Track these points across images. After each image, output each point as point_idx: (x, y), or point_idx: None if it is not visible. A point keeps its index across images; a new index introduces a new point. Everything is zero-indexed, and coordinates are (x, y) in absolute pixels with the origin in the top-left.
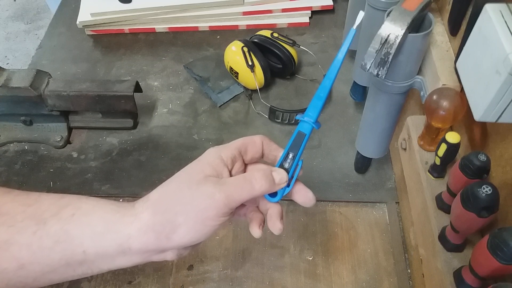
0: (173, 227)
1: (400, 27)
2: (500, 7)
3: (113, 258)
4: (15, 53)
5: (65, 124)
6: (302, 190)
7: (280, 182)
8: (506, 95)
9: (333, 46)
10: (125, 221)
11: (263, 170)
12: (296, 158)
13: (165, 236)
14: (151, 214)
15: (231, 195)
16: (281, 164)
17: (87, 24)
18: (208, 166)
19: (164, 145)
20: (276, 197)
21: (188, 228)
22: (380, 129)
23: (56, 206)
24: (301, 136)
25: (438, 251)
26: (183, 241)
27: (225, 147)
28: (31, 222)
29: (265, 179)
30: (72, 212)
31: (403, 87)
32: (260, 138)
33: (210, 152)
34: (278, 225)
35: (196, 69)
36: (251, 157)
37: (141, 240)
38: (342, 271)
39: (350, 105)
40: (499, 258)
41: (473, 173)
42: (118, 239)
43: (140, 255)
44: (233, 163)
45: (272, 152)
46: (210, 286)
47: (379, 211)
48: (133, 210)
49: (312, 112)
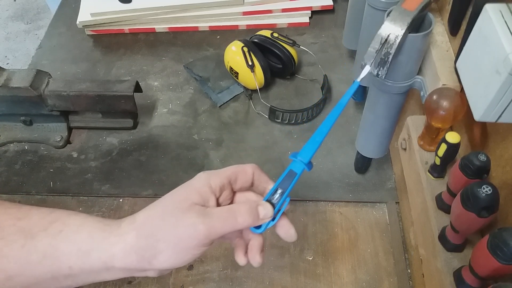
0: (154, 252)
1: (400, 27)
2: (500, 7)
3: (98, 273)
4: (15, 53)
5: (65, 124)
6: (286, 226)
7: (265, 217)
8: (506, 95)
9: (333, 46)
10: (111, 241)
11: (249, 204)
12: (284, 194)
13: (146, 259)
14: (135, 237)
15: (213, 228)
16: (269, 198)
17: (87, 24)
18: (195, 193)
19: (164, 145)
20: (260, 229)
21: (169, 255)
22: (380, 129)
23: (45, 221)
24: (292, 175)
25: (438, 251)
26: (163, 266)
27: (215, 174)
28: (21, 235)
29: (249, 214)
30: (60, 229)
31: (403, 87)
32: (252, 168)
33: (200, 178)
34: (257, 259)
35: (196, 69)
36: (241, 186)
37: (124, 260)
38: (342, 271)
39: (350, 105)
40: (499, 258)
41: (473, 173)
42: (103, 257)
43: (123, 272)
44: (221, 191)
45: (262, 184)
46: (210, 286)
47: (379, 211)
48: (119, 230)
49: (306, 153)
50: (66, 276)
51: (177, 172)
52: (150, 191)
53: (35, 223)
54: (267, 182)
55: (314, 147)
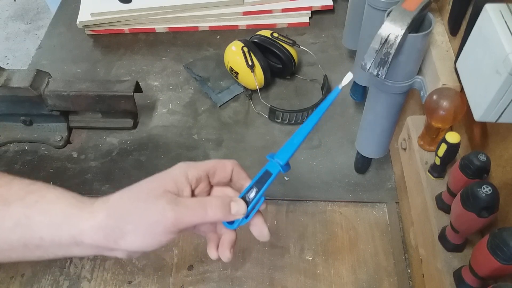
0: (121, 233)
1: (400, 27)
2: (500, 7)
3: (68, 247)
4: (15, 53)
5: (65, 124)
6: (260, 225)
7: (237, 214)
8: (506, 95)
9: (333, 46)
10: (82, 217)
11: (221, 199)
12: (258, 193)
13: (113, 239)
14: (105, 216)
15: (181, 217)
16: (244, 195)
17: (87, 24)
18: (170, 181)
19: (164, 145)
20: (233, 225)
21: (135, 237)
22: (380, 129)
23: (23, 191)
24: (267, 175)
25: (438, 251)
26: (129, 247)
27: (194, 166)
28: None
29: (220, 208)
30: (36, 199)
31: (403, 87)
32: (231, 165)
33: (178, 168)
34: (226, 254)
35: (196, 69)
36: (218, 181)
37: (91, 237)
38: (342, 271)
39: (350, 105)
40: (499, 258)
41: (473, 173)
42: (72, 231)
43: (92, 249)
44: (197, 183)
45: (240, 181)
46: (210, 286)
47: (379, 211)
48: (91, 207)
49: (283, 155)
50: (37, 246)
51: None
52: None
53: (13, 192)
54: (246, 179)
55: (291, 149)
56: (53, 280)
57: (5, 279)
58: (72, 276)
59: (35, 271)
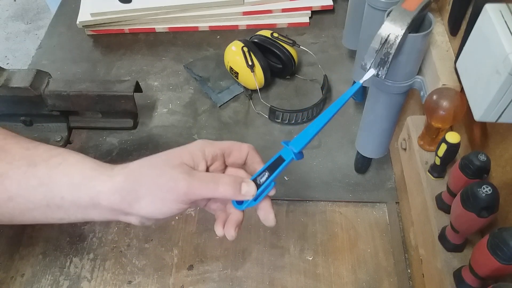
0: (136, 196)
1: (400, 27)
2: (500, 7)
3: (86, 209)
4: (15, 53)
5: (65, 124)
6: (267, 209)
7: (246, 194)
8: (506, 95)
9: (333, 46)
10: (100, 179)
11: (233, 177)
12: (270, 178)
13: (128, 202)
14: (123, 179)
15: (192, 187)
16: (256, 178)
17: (87, 24)
18: (188, 154)
19: (164, 145)
20: (241, 205)
21: (148, 201)
22: (380, 129)
23: (48, 154)
24: (280, 161)
25: (438, 251)
26: (143, 211)
27: (211, 143)
28: (25, 162)
29: (231, 186)
30: (59, 162)
31: (403, 87)
32: (248, 148)
33: (196, 143)
34: (231, 232)
35: (196, 69)
36: (233, 162)
37: (108, 199)
38: (342, 271)
39: (350, 105)
40: (499, 258)
41: (473, 173)
42: (90, 193)
43: (109, 212)
44: (213, 160)
45: (253, 165)
46: (210, 286)
47: (379, 211)
48: (111, 171)
49: (298, 143)
50: (58, 206)
51: None
52: None
53: (39, 154)
54: (259, 164)
55: (306, 138)
56: (53, 280)
57: (5, 279)
58: (72, 276)
59: (35, 271)
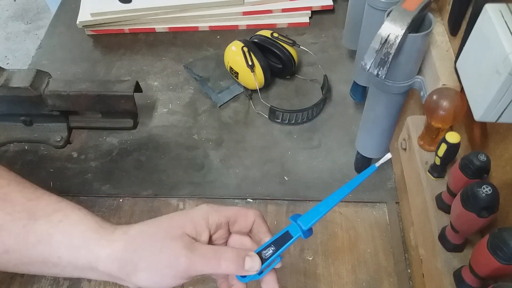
0: (134, 269)
1: (400, 27)
2: (500, 7)
3: (83, 270)
4: (15, 53)
5: (65, 124)
6: (272, 283)
7: (250, 270)
8: (506, 95)
9: (333, 46)
10: (100, 244)
11: (236, 252)
12: (275, 254)
13: (126, 272)
14: (123, 248)
15: (194, 265)
16: (261, 252)
17: (87, 24)
18: (190, 223)
19: (164, 145)
20: (244, 278)
21: (147, 275)
22: (380, 129)
23: (50, 208)
24: (287, 237)
25: (438, 251)
26: (140, 283)
27: (215, 210)
28: (25, 215)
29: (234, 262)
30: (60, 219)
31: (403, 87)
32: (254, 215)
33: (200, 210)
34: None
35: (196, 69)
36: (238, 230)
37: (106, 265)
38: (342, 271)
39: (350, 105)
40: (499, 258)
41: (473, 173)
42: (89, 257)
43: (106, 275)
44: (217, 229)
45: (260, 234)
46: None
47: (379, 211)
48: (112, 236)
49: (307, 221)
50: (55, 264)
51: (177, 172)
52: (150, 191)
53: (41, 208)
54: (265, 234)
55: (316, 217)
56: (53, 280)
57: (5, 279)
58: None
59: None
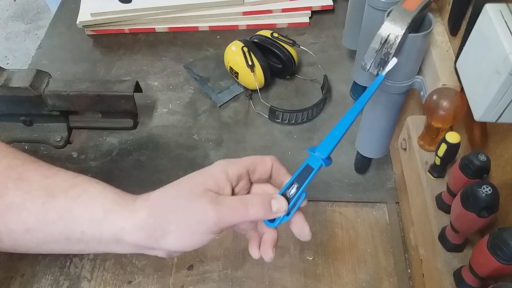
0: (163, 232)
1: (400, 27)
2: (500, 7)
3: (108, 243)
4: (15, 53)
5: (65, 124)
6: (300, 223)
7: (278, 211)
8: (506, 95)
9: (333, 46)
10: (123, 215)
11: (262, 197)
12: (300, 189)
13: (154, 238)
14: (147, 215)
15: (223, 217)
16: (285, 192)
17: (87, 24)
18: (211, 179)
19: (164, 145)
20: (274, 222)
21: (177, 237)
22: (380, 129)
23: (67, 184)
24: (308, 170)
25: (438, 251)
26: (171, 247)
27: (233, 163)
28: (44, 192)
29: (261, 206)
30: (79, 194)
31: (403, 87)
32: (271, 160)
33: (218, 165)
34: (269, 254)
35: (196, 69)
36: (258, 178)
37: (132, 235)
38: (342, 271)
39: (350, 105)
40: (499, 258)
41: (473, 173)
42: (113, 229)
43: (132, 247)
44: (238, 181)
45: (279, 177)
46: (210, 286)
47: (379, 211)
48: (133, 205)
49: (324, 149)
50: (78, 240)
51: (177, 172)
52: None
53: (58, 184)
54: (285, 175)
55: (333, 142)
56: (53, 280)
57: (5, 279)
58: (72, 276)
59: (35, 271)
